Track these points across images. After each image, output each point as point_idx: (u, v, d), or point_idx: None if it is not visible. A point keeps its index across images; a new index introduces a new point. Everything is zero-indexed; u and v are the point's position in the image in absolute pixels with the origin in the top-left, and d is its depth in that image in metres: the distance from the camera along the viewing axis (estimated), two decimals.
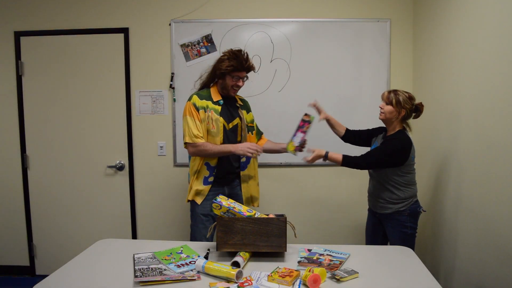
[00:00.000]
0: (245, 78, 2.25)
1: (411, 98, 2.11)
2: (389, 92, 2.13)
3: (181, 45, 2.97)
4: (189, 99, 2.24)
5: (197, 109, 2.20)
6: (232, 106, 2.31)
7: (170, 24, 2.97)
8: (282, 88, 2.98)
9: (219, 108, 2.23)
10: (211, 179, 2.26)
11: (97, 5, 2.99)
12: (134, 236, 3.14)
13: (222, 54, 2.25)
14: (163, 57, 3.00)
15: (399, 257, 1.79)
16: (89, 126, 3.07)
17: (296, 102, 2.98)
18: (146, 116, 3.05)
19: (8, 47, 3.01)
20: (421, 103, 2.15)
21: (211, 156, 2.23)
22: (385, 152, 2.07)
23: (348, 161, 2.12)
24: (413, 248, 2.05)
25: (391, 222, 2.15)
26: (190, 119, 2.18)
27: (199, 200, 2.26)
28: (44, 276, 1.59)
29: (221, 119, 2.22)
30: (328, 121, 2.40)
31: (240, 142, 2.31)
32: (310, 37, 2.95)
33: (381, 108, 2.15)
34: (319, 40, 2.95)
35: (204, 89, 2.31)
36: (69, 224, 3.13)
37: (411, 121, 2.20)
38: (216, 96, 2.25)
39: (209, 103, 2.22)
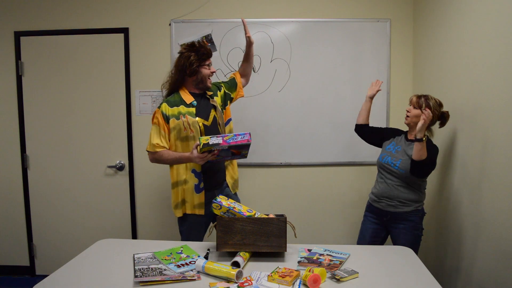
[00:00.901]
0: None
1: (440, 105, 2.13)
2: (419, 97, 2.13)
3: (181, 45, 2.96)
4: (159, 107, 2.18)
5: (167, 118, 2.14)
6: (204, 101, 2.23)
7: (170, 24, 2.97)
8: (282, 88, 2.98)
9: (193, 110, 2.16)
10: (201, 185, 2.19)
11: (97, 5, 2.99)
12: (134, 236, 3.14)
13: (179, 54, 2.20)
14: (163, 57, 3.00)
15: (399, 257, 1.79)
16: (89, 126, 3.07)
17: (296, 102, 2.98)
18: (146, 116, 3.05)
19: (8, 47, 3.01)
20: (447, 112, 2.14)
21: (169, 164, 2.21)
22: (432, 154, 2.05)
23: (422, 149, 2.00)
24: (417, 251, 2.08)
25: (404, 223, 2.15)
26: (154, 127, 2.17)
27: (202, 211, 2.20)
28: (44, 276, 1.59)
29: (198, 119, 2.15)
30: (369, 101, 2.39)
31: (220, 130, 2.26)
32: (310, 37, 2.95)
33: (408, 111, 2.16)
34: (319, 40, 2.95)
35: (173, 94, 2.23)
36: (69, 224, 3.13)
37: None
38: (188, 98, 2.19)
39: (181, 108, 2.15)
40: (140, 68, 3.02)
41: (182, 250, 1.82)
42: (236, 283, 1.49)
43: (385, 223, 2.24)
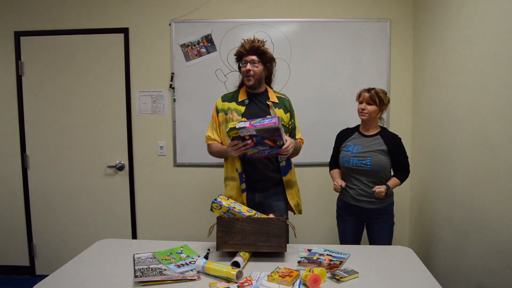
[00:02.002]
0: (256, 63, 2.07)
1: (385, 92, 2.23)
2: (367, 91, 2.20)
3: (181, 45, 2.97)
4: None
5: (218, 111, 2.15)
6: (261, 105, 2.13)
7: (170, 24, 2.97)
8: (282, 88, 2.98)
9: (242, 108, 2.10)
10: (243, 186, 2.11)
11: (97, 5, 2.99)
12: (134, 236, 3.14)
13: None
14: (163, 57, 3.00)
15: (399, 257, 1.79)
16: (89, 126, 3.07)
17: (296, 102, 2.96)
18: (146, 116, 3.05)
19: (8, 47, 3.01)
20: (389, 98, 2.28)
21: (216, 157, 2.20)
22: (406, 152, 2.26)
23: (402, 178, 2.25)
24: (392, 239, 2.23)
25: (383, 217, 2.23)
26: (211, 120, 2.19)
27: None
28: (44, 276, 1.59)
29: (244, 119, 2.05)
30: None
31: None
32: (310, 37, 2.95)
33: (363, 109, 2.21)
34: (319, 40, 2.95)
35: (238, 89, 2.20)
36: (69, 224, 3.13)
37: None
38: (242, 96, 2.14)
39: (232, 104, 2.12)
40: (140, 68, 3.02)
41: (182, 250, 1.82)
42: (236, 283, 1.49)
43: (364, 219, 2.28)
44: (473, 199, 2.05)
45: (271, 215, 1.87)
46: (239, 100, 2.13)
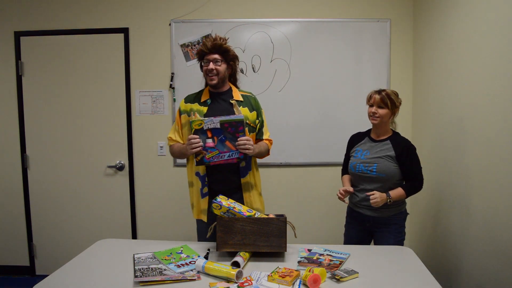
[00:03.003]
0: (219, 61, 1.99)
1: (397, 94, 2.09)
2: (378, 92, 2.04)
3: (181, 45, 2.97)
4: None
5: (180, 113, 2.09)
6: (224, 104, 2.05)
7: (170, 24, 2.97)
8: (282, 88, 2.98)
9: (204, 109, 2.03)
10: (205, 190, 2.06)
11: (97, 5, 2.99)
12: (134, 236, 3.14)
13: None
14: (163, 57, 3.00)
15: (399, 257, 1.79)
16: (89, 126, 3.07)
17: (296, 102, 2.98)
18: (146, 116, 3.05)
19: (8, 47, 3.01)
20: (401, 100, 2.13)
21: (178, 157, 2.13)
22: (419, 161, 2.07)
23: (409, 190, 2.03)
24: None
25: (388, 226, 2.05)
26: (174, 122, 2.13)
27: (205, 218, 2.07)
28: (44, 276, 1.59)
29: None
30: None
31: None
32: (310, 37, 2.95)
33: (375, 113, 2.03)
34: (319, 40, 2.95)
35: (200, 90, 2.15)
36: (69, 224, 3.13)
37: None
38: (205, 96, 2.08)
39: (195, 105, 2.06)
40: (140, 68, 3.02)
41: (182, 250, 1.82)
42: (236, 283, 1.49)
43: (368, 228, 2.11)
44: (473, 199, 2.05)
45: (271, 215, 1.87)
46: (202, 100, 2.07)
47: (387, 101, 2.01)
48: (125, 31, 3.00)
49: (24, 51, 3.02)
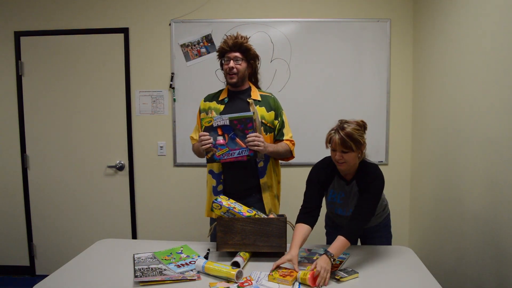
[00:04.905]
0: (239, 60, 1.98)
1: (361, 125, 1.77)
2: (337, 132, 1.72)
3: (181, 45, 2.97)
4: None
5: (200, 112, 2.11)
6: (242, 102, 2.03)
7: (170, 24, 2.97)
8: (282, 88, 2.98)
9: (221, 107, 2.04)
10: (220, 187, 2.04)
11: (97, 5, 2.99)
12: (134, 236, 3.14)
13: None
14: (163, 57, 3.00)
15: (399, 257, 1.79)
16: (89, 126, 3.07)
17: (296, 102, 2.98)
18: (146, 116, 3.05)
19: (8, 47, 3.01)
20: (365, 123, 1.81)
21: (199, 156, 2.08)
22: (376, 196, 1.75)
23: (353, 235, 1.67)
24: None
25: (379, 233, 1.99)
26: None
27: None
28: (44, 276, 1.59)
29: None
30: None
31: None
32: (310, 37, 2.95)
33: (340, 159, 1.71)
34: (319, 40, 2.95)
35: (223, 88, 2.14)
36: (69, 224, 3.13)
37: None
38: (223, 94, 2.08)
39: (213, 103, 2.07)
40: (140, 68, 3.02)
41: (182, 250, 1.82)
42: (236, 283, 1.49)
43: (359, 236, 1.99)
44: (473, 199, 2.05)
45: (271, 215, 1.87)
46: (220, 98, 2.08)
47: (349, 144, 1.67)
48: (125, 31, 3.00)
49: (24, 51, 3.02)
